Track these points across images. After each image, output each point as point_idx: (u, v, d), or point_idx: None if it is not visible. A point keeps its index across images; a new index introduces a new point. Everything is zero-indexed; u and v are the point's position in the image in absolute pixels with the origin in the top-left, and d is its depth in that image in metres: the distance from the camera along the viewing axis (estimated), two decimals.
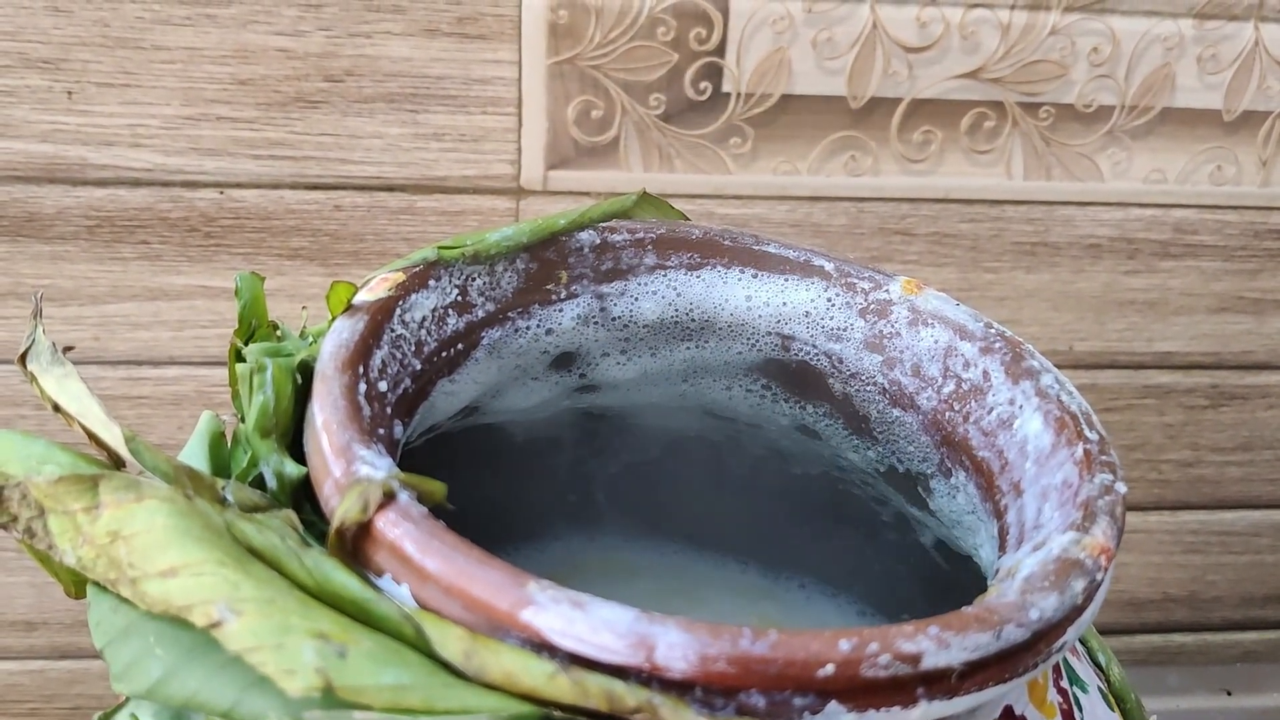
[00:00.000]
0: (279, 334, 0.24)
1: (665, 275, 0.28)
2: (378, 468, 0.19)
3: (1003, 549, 0.23)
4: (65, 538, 0.19)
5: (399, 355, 0.23)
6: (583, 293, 0.27)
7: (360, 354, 0.22)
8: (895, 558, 0.31)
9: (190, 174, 0.40)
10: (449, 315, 0.25)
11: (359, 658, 0.17)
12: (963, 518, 0.26)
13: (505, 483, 0.31)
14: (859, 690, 0.17)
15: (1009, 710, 0.21)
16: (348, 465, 0.20)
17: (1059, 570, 0.20)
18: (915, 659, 0.17)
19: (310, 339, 0.24)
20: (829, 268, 0.28)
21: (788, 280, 0.28)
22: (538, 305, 0.27)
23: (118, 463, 0.21)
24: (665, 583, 0.34)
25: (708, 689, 0.17)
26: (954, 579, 0.28)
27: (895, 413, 0.27)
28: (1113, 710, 0.25)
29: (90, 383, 0.22)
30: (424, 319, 0.24)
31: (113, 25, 0.38)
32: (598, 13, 0.39)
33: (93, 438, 0.21)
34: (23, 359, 0.22)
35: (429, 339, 0.24)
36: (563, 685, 0.17)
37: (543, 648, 0.17)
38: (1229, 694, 0.52)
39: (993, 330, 0.26)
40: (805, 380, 0.28)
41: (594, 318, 0.27)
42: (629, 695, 0.17)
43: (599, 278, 0.27)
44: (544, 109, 0.40)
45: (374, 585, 0.19)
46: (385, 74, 0.40)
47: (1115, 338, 0.48)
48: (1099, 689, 0.25)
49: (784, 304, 0.28)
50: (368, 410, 0.21)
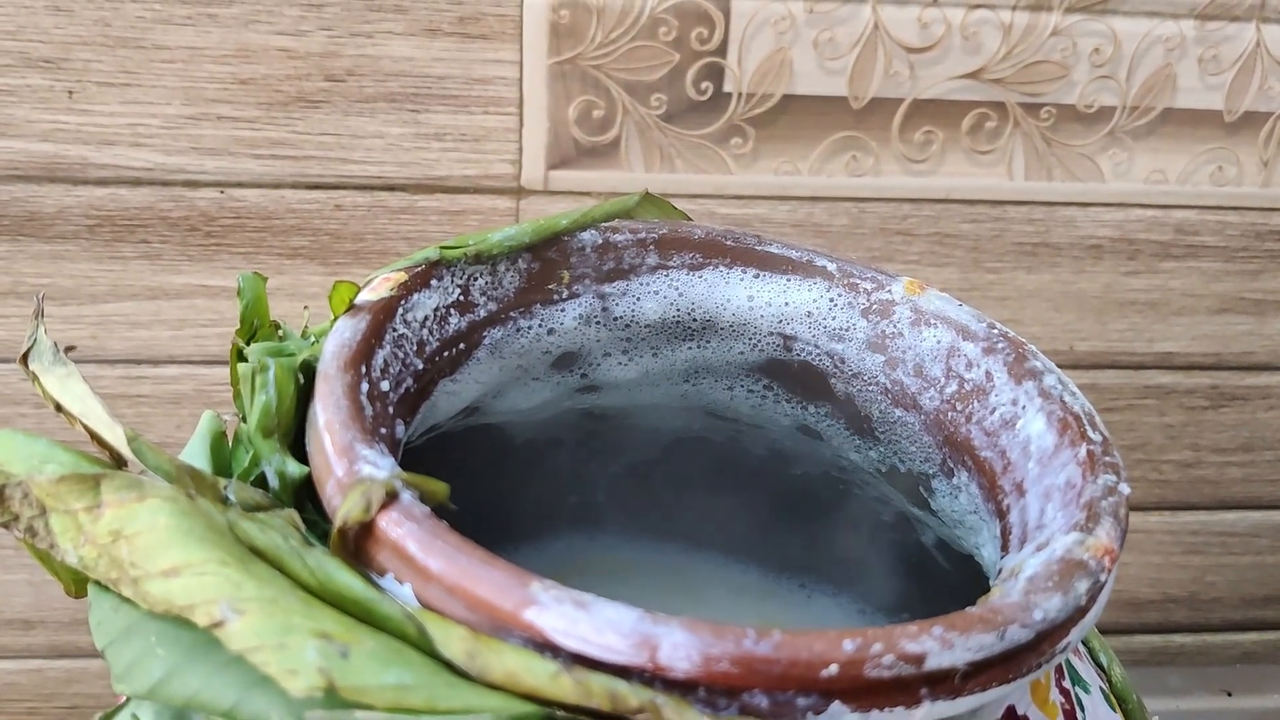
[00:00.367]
0: (281, 334, 0.24)
1: (667, 275, 0.28)
2: (380, 467, 0.19)
3: (1005, 549, 0.23)
4: (67, 537, 0.19)
5: (401, 355, 0.23)
6: (585, 292, 0.27)
7: (362, 353, 0.22)
8: (897, 558, 0.31)
9: (191, 173, 0.40)
10: (451, 315, 0.25)
11: (361, 658, 0.17)
12: (965, 518, 0.26)
13: (507, 482, 0.31)
14: (863, 690, 0.17)
15: (1011, 710, 0.21)
16: (350, 465, 0.20)
17: (1063, 571, 0.20)
18: (919, 659, 0.17)
19: (312, 339, 0.24)
20: (831, 268, 0.28)
21: (790, 280, 0.28)
22: (540, 305, 0.27)
23: (119, 462, 0.20)
24: (667, 583, 0.34)
25: (711, 689, 0.17)
26: (955, 579, 0.28)
27: (897, 413, 0.27)
28: (1115, 711, 0.25)
29: (89, 381, 0.22)
30: (426, 318, 0.24)
31: (114, 24, 0.38)
32: (599, 13, 0.39)
33: (95, 437, 0.21)
34: (25, 359, 0.22)
35: (431, 338, 0.24)
36: (566, 685, 0.17)
37: (546, 648, 0.17)
38: (1229, 695, 0.52)
39: (995, 330, 0.26)
40: (807, 380, 0.28)
41: (596, 318, 0.27)
42: (632, 695, 0.17)
43: (601, 277, 0.27)
44: (545, 109, 0.40)
45: (376, 585, 0.19)
46: (386, 74, 0.40)
47: (1116, 338, 0.47)
48: (1101, 689, 0.25)
49: (786, 304, 0.28)
50: (370, 410, 0.21)
